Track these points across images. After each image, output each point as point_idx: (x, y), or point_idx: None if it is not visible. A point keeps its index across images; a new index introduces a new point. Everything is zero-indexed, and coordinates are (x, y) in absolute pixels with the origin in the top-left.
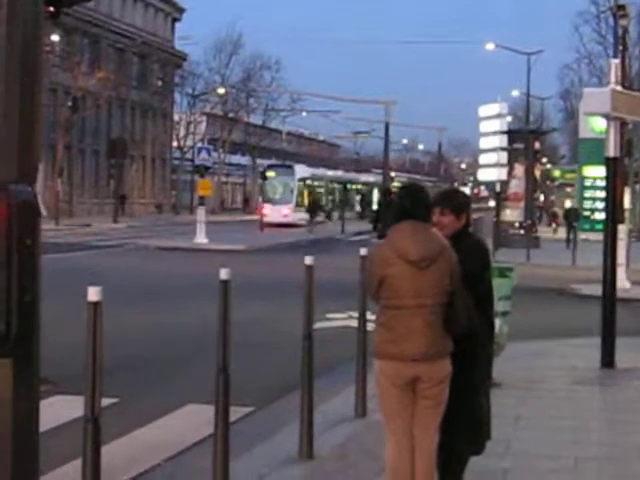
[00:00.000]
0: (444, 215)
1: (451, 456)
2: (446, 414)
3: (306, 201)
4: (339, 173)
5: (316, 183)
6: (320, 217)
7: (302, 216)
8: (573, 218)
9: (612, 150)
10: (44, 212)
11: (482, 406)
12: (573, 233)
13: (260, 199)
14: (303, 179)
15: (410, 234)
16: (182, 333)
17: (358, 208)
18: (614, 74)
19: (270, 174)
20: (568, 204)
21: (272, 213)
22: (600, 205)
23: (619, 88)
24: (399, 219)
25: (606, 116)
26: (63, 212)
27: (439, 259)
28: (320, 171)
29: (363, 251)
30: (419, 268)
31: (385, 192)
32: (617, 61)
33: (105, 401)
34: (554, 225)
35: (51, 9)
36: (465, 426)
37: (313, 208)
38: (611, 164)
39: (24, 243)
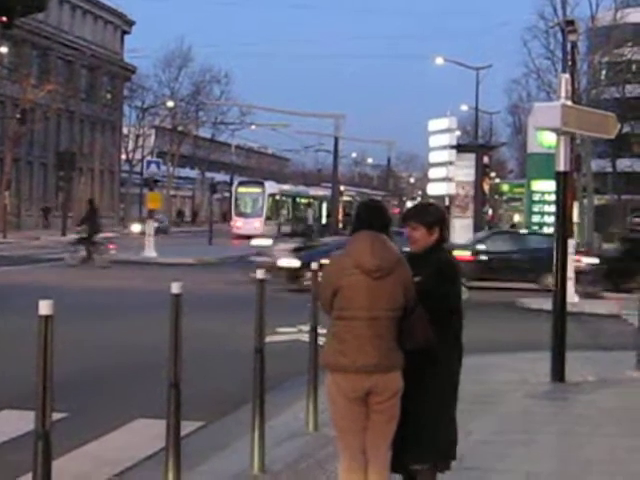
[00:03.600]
0: (415, 229)
1: (412, 475)
2: (404, 432)
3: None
4: (301, 188)
5: (283, 198)
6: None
7: (271, 228)
8: None
9: (562, 164)
10: None
11: (453, 424)
12: None
13: (233, 212)
14: (272, 194)
15: (368, 243)
16: (133, 347)
17: (311, 221)
18: (564, 89)
19: (242, 190)
20: (517, 218)
21: (244, 226)
22: (548, 219)
23: (569, 103)
24: (357, 230)
25: (556, 131)
26: (11, 225)
27: (394, 271)
28: (287, 187)
29: (314, 265)
30: (373, 278)
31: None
32: (567, 76)
33: (55, 415)
34: None
35: (4, 19)
36: (430, 444)
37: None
38: (561, 178)
39: None
